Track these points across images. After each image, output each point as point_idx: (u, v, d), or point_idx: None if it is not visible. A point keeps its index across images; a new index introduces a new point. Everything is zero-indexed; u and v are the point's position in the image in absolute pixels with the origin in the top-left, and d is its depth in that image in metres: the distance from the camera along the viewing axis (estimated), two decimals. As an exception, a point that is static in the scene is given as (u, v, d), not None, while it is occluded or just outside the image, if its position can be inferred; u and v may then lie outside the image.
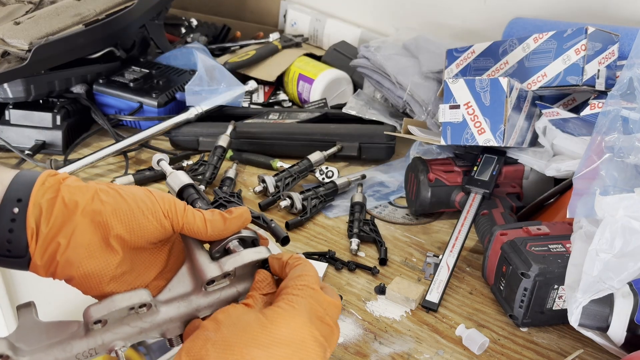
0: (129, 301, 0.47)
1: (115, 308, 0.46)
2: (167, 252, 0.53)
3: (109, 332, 0.47)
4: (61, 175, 0.49)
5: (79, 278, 0.48)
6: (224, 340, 0.43)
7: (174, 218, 0.50)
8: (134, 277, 0.51)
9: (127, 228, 0.48)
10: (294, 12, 1.44)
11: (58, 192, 0.47)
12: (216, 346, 0.43)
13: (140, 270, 0.51)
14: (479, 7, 1.21)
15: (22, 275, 0.49)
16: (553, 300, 0.66)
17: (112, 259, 0.48)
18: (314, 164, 0.97)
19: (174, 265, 0.54)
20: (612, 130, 0.65)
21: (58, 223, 0.46)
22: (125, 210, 0.48)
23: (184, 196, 0.58)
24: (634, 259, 0.58)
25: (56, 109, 1.03)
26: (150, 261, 0.52)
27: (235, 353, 0.42)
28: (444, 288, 0.73)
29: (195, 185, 0.58)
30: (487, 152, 0.87)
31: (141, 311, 0.48)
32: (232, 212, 0.52)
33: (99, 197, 0.48)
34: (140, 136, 1.01)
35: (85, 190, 0.48)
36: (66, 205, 0.46)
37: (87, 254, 0.47)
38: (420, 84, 1.01)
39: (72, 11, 1.02)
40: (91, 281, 0.48)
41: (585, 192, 0.64)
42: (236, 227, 0.52)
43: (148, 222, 0.49)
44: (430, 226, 0.89)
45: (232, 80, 1.12)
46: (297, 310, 0.46)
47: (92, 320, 0.46)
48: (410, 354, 0.65)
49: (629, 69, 0.67)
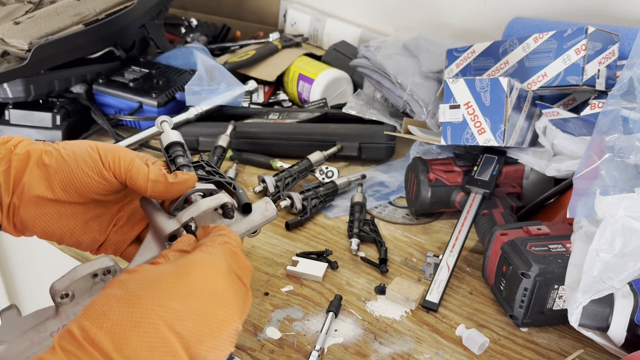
0: (90, 268, 0.47)
1: (78, 277, 0.46)
2: (128, 201, 0.58)
3: (79, 305, 0.47)
4: (12, 141, 0.54)
5: (42, 235, 0.54)
6: (131, 295, 0.38)
7: (116, 170, 0.52)
8: (99, 226, 0.56)
9: (65, 187, 0.52)
10: (294, 12, 1.44)
11: (10, 163, 0.52)
12: (121, 301, 0.38)
13: (104, 219, 0.56)
14: (479, 7, 1.21)
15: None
16: (553, 300, 0.66)
17: (64, 215, 0.53)
18: (314, 164, 0.97)
19: (140, 220, 0.58)
20: (613, 130, 0.65)
21: (14, 190, 0.52)
22: (65, 170, 0.52)
23: (169, 152, 0.59)
24: (634, 259, 0.58)
25: (56, 109, 1.03)
26: (110, 211, 0.57)
27: (145, 307, 0.37)
28: (444, 288, 0.73)
29: (183, 144, 0.60)
30: (487, 152, 0.87)
31: (107, 278, 0.48)
32: (177, 176, 0.53)
33: (42, 161, 0.52)
34: (140, 136, 1.01)
35: (32, 154, 0.52)
36: (17, 173, 0.52)
37: (37, 214, 0.52)
38: (420, 84, 1.01)
39: (71, 11, 1.02)
40: (54, 238, 0.54)
41: (585, 192, 0.64)
42: (178, 191, 0.53)
43: (89, 179, 0.52)
44: (430, 226, 0.89)
45: (232, 80, 1.12)
46: (216, 259, 0.42)
47: (58, 294, 0.46)
48: (411, 354, 0.65)
49: (629, 68, 0.67)
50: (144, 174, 0.52)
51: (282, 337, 0.67)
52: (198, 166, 0.59)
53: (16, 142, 0.54)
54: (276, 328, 0.68)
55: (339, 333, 0.68)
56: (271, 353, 0.64)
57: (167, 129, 0.62)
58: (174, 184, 0.52)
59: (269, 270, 0.77)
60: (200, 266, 0.41)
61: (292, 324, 0.68)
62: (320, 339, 0.65)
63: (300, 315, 0.70)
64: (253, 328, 0.68)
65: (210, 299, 0.40)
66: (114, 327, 0.36)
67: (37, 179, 0.52)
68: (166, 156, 0.60)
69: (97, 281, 0.47)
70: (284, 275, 0.77)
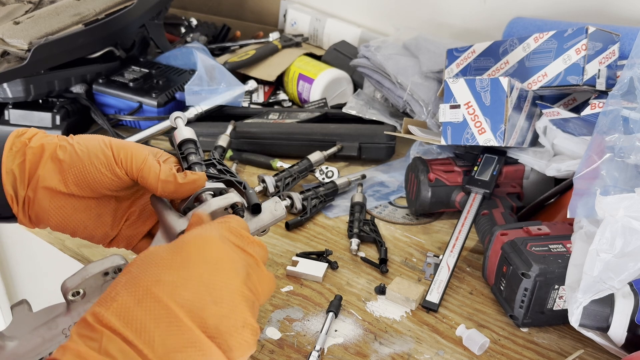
0: (101, 266, 0.47)
1: (89, 275, 0.46)
2: (140, 196, 0.58)
3: (90, 302, 0.47)
4: (27, 134, 0.54)
5: (56, 228, 0.55)
6: (133, 277, 0.41)
7: (128, 167, 0.53)
8: (111, 221, 0.57)
9: (78, 183, 0.53)
10: (294, 11, 1.44)
11: (25, 156, 0.52)
12: (126, 285, 0.40)
13: (116, 214, 0.57)
14: (479, 7, 1.21)
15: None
16: (553, 301, 0.66)
17: (77, 209, 0.54)
18: (314, 164, 0.97)
19: (152, 215, 0.59)
20: (613, 130, 0.65)
21: (29, 183, 0.52)
22: (78, 166, 0.52)
23: (182, 149, 0.59)
24: (635, 259, 0.58)
25: (56, 109, 1.03)
26: (122, 206, 0.57)
27: (145, 284, 0.40)
28: (444, 288, 0.73)
29: (196, 142, 0.60)
30: (488, 152, 0.87)
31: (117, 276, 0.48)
32: (187, 176, 0.54)
33: (57, 155, 0.53)
34: (140, 136, 1.01)
35: (47, 148, 0.53)
36: (32, 166, 0.52)
37: (52, 207, 0.53)
38: (421, 84, 1.01)
39: (71, 11, 1.01)
40: (67, 230, 0.55)
41: (585, 192, 0.64)
42: (187, 191, 0.53)
43: (102, 175, 0.53)
44: (430, 226, 0.89)
45: (232, 80, 1.12)
46: (207, 232, 0.44)
47: (70, 292, 0.46)
48: (411, 354, 0.65)
49: (630, 68, 0.67)
50: (155, 173, 0.52)
51: (282, 337, 0.67)
52: (210, 164, 0.59)
53: (31, 135, 0.54)
54: (276, 328, 0.68)
55: (339, 333, 0.68)
56: (271, 353, 0.64)
57: (181, 125, 0.62)
58: (183, 185, 0.53)
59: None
60: (192, 239, 0.43)
61: (292, 324, 0.68)
62: (320, 339, 0.65)
63: (300, 316, 0.70)
64: (253, 328, 0.67)
65: (204, 266, 0.42)
66: (120, 306, 0.39)
67: (51, 172, 0.52)
68: (179, 153, 0.60)
69: (108, 279, 0.47)
70: (284, 275, 0.76)
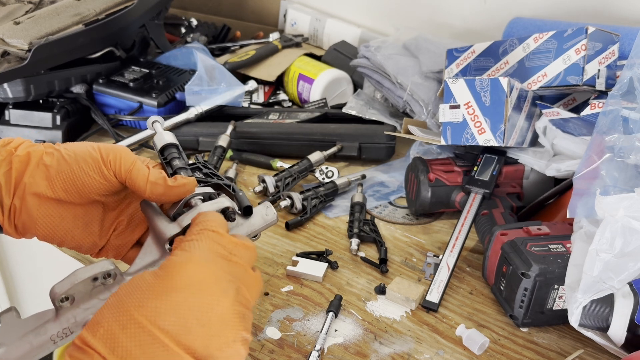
0: (91, 272, 0.46)
1: (78, 280, 0.46)
2: (127, 204, 0.57)
3: (79, 308, 0.47)
4: (13, 144, 0.54)
5: (43, 237, 0.54)
6: (118, 301, 0.41)
7: (117, 170, 0.52)
8: (99, 230, 0.56)
9: (66, 187, 0.52)
10: (294, 11, 1.44)
11: (11, 164, 0.52)
12: (111, 309, 0.41)
13: (104, 223, 0.56)
14: (479, 7, 1.21)
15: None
16: (553, 300, 0.66)
17: (65, 218, 0.53)
18: (314, 164, 0.97)
19: (140, 224, 0.58)
20: (613, 130, 0.65)
21: (15, 192, 0.52)
22: (66, 170, 0.52)
23: (164, 154, 0.58)
24: (634, 259, 0.58)
25: (56, 109, 1.03)
26: (110, 215, 0.57)
27: (129, 310, 0.40)
28: (444, 288, 0.73)
29: (178, 146, 0.59)
30: (487, 152, 0.87)
31: (107, 282, 0.47)
32: (177, 180, 0.53)
33: (43, 161, 0.52)
34: (140, 136, 1.01)
35: (33, 155, 0.52)
36: (18, 174, 0.52)
37: (39, 215, 0.52)
38: (420, 84, 1.01)
39: (72, 11, 1.02)
40: (55, 240, 0.54)
41: (585, 192, 0.64)
42: (177, 195, 0.53)
43: (90, 179, 0.52)
44: (430, 226, 0.89)
45: (232, 80, 1.12)
46: (191, 253, 0.44)
47: (58, 298, 0.45)
48: (411, 354, 0.65)
49: (629, 68, 0.67)
50: (144, 175, 0.52)
51: (282, 337, 0.67)
52: (195, 168, 0.58)
53: (17, 144, 0.54)
54: (276, 328, 0.68)
55: (339, 333, 0.68)
56: (271, 353, 0.65)
57: (160, 129, 0.60)
58: (173, 187, 0.52)
59: (269, 270, 0.77)
60: (176, 265, 0.43)
61: (292, 324, 0.68)
62: (320, 339, 0.65)
63: (300, 315, 0.70)
64: (253, 328, 0.67)
65: (188, 290, 0.42)
66: (106, 332, 0.40)
67: (37, 179, 0.52)
68: (161, 158, 0.58)
69: (98, 285, 0.47)
70: (284, 275, 0.77)
